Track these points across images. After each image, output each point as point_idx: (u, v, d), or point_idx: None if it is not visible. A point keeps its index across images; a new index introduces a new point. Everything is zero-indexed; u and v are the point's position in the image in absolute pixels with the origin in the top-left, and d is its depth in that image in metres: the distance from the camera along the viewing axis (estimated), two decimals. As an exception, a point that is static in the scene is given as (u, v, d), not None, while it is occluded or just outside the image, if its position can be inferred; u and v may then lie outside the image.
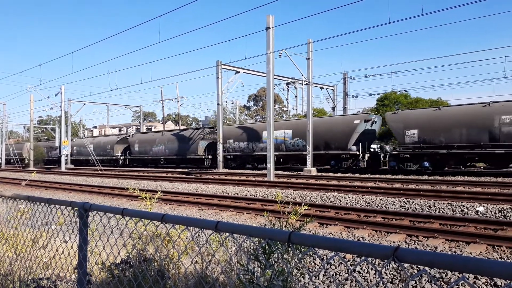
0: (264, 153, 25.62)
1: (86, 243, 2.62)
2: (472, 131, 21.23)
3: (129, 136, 43.03)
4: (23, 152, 54.31)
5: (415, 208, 10.92)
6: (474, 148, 21.17)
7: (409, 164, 23.53)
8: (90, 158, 41.03)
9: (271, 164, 21.57)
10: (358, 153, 25.68)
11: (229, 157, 32.27)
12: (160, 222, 2.01)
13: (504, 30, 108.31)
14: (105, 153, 44.14)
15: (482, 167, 24.98)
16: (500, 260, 6.24)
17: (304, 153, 26.08)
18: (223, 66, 28.52)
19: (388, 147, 26.33)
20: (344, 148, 26.21)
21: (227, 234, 1.77)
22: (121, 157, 42.84)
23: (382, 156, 25.36)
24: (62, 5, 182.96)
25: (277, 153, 27.74)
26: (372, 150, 26.68)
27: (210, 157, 33.52)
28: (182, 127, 54.85)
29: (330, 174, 24.50)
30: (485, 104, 21.45)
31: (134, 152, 40.80)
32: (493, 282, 4.90)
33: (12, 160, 52.02)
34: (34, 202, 3.31)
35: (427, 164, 22.75)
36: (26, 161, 51.29)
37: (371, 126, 26.91)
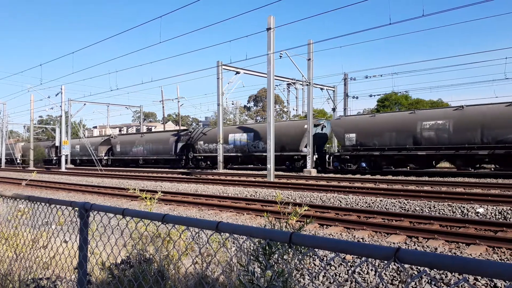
0: (231, 154, 31.40)
1: (86, 243, 2.62)
2: (400, 135, 23.74)
3: (112, 137, 45.43)
4: (15, 152, 54.45)
5: (415, 209, 10.92)
6: (401, 150, 23.67)
7: (349, 164, 26.01)
8: (76, 158, 46.88)
9: (271, 164, 21.57)
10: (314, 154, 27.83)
11: (200, 157, 35.14)
12: (161, 223, 2.01)
13: (504, 31, 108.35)
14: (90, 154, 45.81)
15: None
16: (500, 261, 6.23)
17: (264, 154, 26.78)
18: (223, 67, 28.52)
19: (332, 149, 29.17)
20: (296, 150, 28.87)
21: (228, 234, 1.77)
22: (105, 157, 45.30)
23: (327, 157, 28.19)
24: (62, 5, 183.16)
25: (240, 154, 31.66)
26: (323, 151, 29.76)
27: (184, 157, 36.01)
28: (182, 127, 54.84)
29: (331, 175, 24.51)
30: (411, 111, 24.37)
31: (116, 152, 43.19)
32: (493, 284, 4.90)
33: (12, 160, 52.11)
34: (34, 202, 3.31)
35: (364, 164, 25.29)
36: (18, 161, 51.68)
37: (322, 130, 29.47)
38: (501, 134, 20.32)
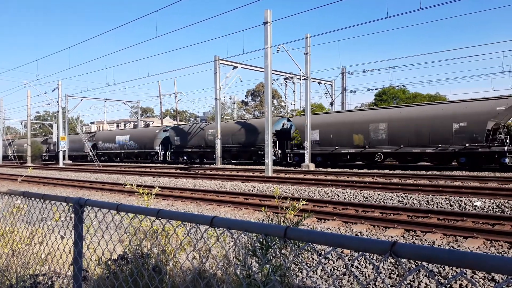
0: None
1: (81, 239, 2.59)
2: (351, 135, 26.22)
3: (94, 134, 49.78)
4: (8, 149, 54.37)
5: (413, 203, 10.93)
6: (359, 148, 25.79)
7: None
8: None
9: (269, 159, 21.56)
10: (277, 150, 30.98)
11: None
12: (155, 218, 1.98)
13: (502, 24, 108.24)
14: (77, 149, 50.15)
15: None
16: (497, 254, 6.25)
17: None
18: (220, 61, 28.41)
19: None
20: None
21: (223, 229, 1.75)
22: (90, 153, 48.14)
23: (287, 152, 30.07)
24: None
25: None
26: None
27: (163, 152, 39.81)
28: (180, 123, 54.75)
29: (328, 169, 24.54)
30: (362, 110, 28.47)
31: (99, 147, 46.85)
32: (490, 277, 4.90)
33: (9, 157, 51.88)
34: (29, 198, 3.28)
35: (319, 159, 28.11)
36: (11, 157, 51.90)
37: (287, 127, 32.19)
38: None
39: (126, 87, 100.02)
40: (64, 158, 41.15)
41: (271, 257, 2.87)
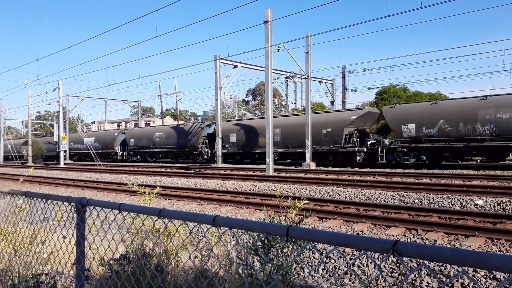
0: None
1: (83, 238, 2.60)
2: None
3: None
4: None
5: (414, 201, 10.93)
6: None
7: (237, 159, 33.51)
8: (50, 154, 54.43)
9: (270, 158, 21.56)
10: (208, 150, 35.38)
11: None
12: (157, 217, 1.99)
13: (503, 23, 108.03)
14: (53, 149, 53.15)
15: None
16: (499, 253, 6.25)
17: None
18: (221, 60, 28.40)
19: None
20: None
21: (225, 228, 1.76)
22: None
23: (213, 152, 33.58)
24: None
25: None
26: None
27: (121, 152, 44.65)
28: (180, 122, 54.76)
29: (329, 168, 24.55)
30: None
31: (71, 148, 50.01)
32: (492, 275, 4.91)
33: (10, 156, 51.90)
34: (31, 198, 3.29)
35: (237, 157, 33.18)
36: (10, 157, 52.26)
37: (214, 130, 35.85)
38: None
39: (127, 87, 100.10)
40: (65, 158, 41.20)
41: (273, 256, 2.87)
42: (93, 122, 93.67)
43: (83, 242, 2.60)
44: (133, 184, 5.39)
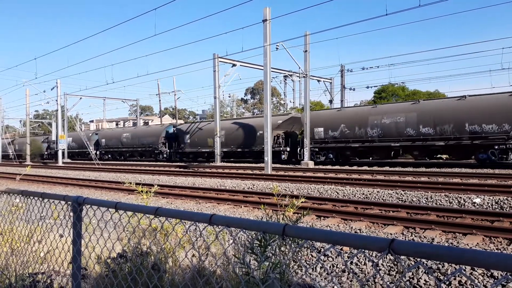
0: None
1: (80, 237, 2.59)
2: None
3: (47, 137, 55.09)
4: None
5: (412, 200, 10.94)
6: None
7: (190, 158, 37.67)
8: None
9: (268, 157, 21.56)
10: (167, 149, 39.16)
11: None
12: (153, 216, 1.98)
13: (501, 21, 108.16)
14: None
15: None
16: (496, 251, 6.26)
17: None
18: (219, 59, 28.36)
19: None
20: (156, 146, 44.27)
21: (222, 227, 1.75)
22: (46, 152, 55.61)
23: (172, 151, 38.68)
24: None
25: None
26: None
27: (95, 151, 45.77)
28: (179, 121, 54.75)
29: (328, 166, 24.58)
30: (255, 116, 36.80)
31: (51, 147, 51.51)
32: (489, 273, 4.91)
33: (10, 155, 51.76)
34: (28, 197, 3.28)
35: (178, 157, 37.96)
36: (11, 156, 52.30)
37: (173, 131, 39.61)
38: None
39: (125, 86, 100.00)
40: (63, 157, 41.13)
41: (270, 255, 2.87)
42: (92, 121, 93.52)
43: (80, 240, 2.59)
44: (131, 183, 5.38)
